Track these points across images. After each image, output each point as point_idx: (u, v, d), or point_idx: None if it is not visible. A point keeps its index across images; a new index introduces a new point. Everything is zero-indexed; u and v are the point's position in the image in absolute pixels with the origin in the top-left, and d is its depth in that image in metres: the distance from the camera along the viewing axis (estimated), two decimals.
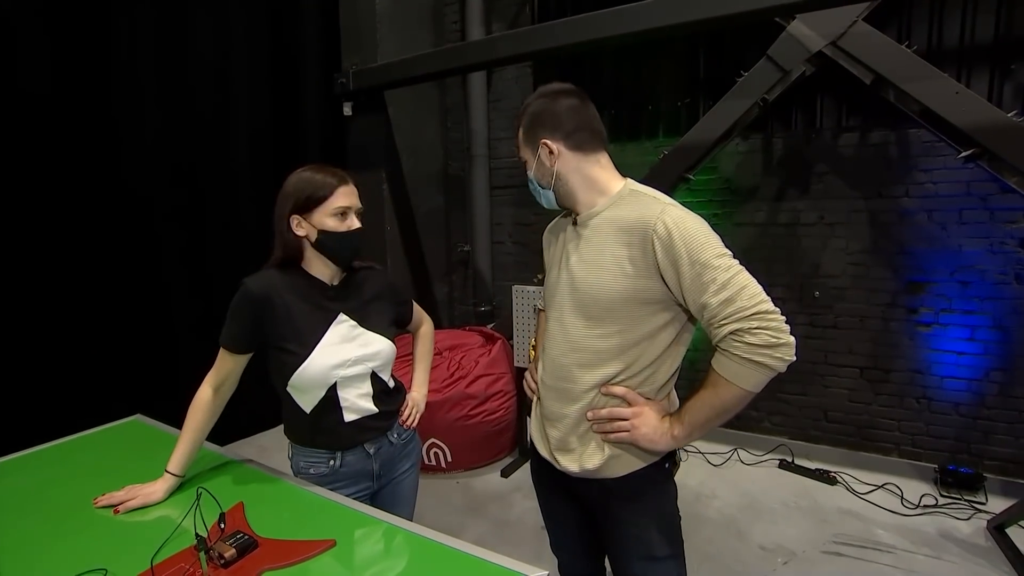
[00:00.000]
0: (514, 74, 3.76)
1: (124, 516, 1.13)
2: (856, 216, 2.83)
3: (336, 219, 1.23)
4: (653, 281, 1.06)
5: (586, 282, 1.12)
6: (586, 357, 1.12)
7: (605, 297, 1.09)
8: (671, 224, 1.03)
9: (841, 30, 2.37)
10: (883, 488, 2.63)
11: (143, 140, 2.81)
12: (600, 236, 1.11)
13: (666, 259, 1.03)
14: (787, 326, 1.00)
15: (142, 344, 2.81)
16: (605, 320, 1.10)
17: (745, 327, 0.97)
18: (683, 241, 1.01)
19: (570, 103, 1.17)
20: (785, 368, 1.00)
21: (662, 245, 1.03)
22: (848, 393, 2.94)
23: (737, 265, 1.02)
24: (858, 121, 2.79)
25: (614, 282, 1.08)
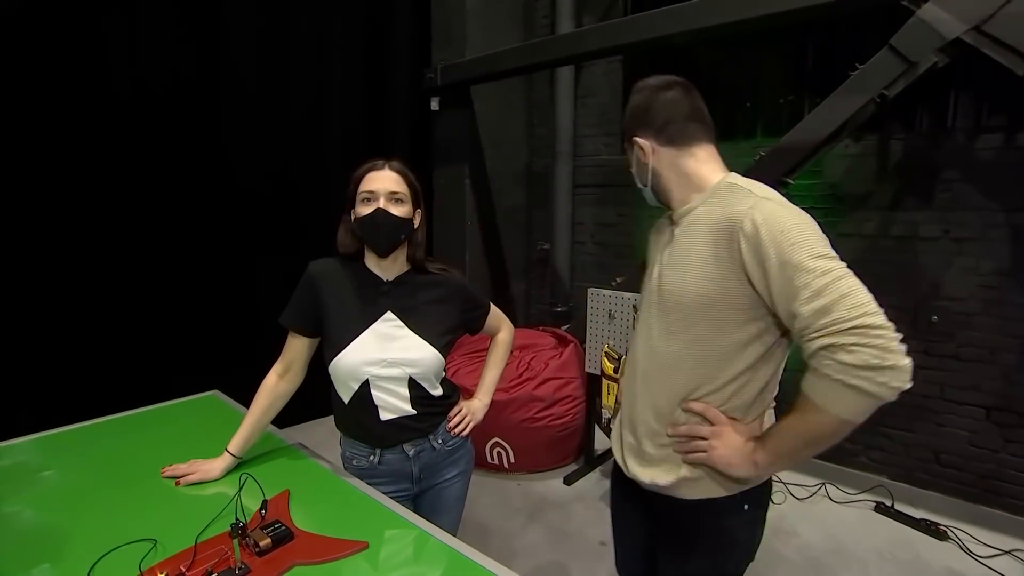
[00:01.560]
0: (603, 69, 3.64)
1: (184, 489, 1.21)
2: (993, 232, 2.43)
3: (364, 204, 1.23)
4: (739, 284, 0.95)
5: (670, 283, 1.04)
6: (665, 364, 1.05)
7: (687, 301, 1.01)
8: (760, 220, 0.91)
9: (989, 12, 2.02)
10: (1011, 554, 2.25)
11: (243, 132, 3.01)
12: (689, 235, 1.03)
13: (753, 260, 0.92)
14: (900, 346, 0.85)
15: (233, 328, 3.04)
16: (686, 326, 1.02)
17: (840, 342, 0.83)
18: (772, 239, 0.89)
19: (664, 96, 1.09)
20: (894, 397, 0.85)
21: (749, 244, 0.92)
22: (969, 436, 2.54)
23: (841, 268, 0.87)
24: (1002, 120, 2.39)
25: (696, 285, 0.99)
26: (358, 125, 3.49)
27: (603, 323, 2.82)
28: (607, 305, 2.80)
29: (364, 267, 1.31)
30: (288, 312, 1.30)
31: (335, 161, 3.41)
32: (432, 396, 1.32)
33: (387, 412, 1.28)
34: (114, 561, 0.94)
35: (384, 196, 1.23)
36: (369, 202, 1.23)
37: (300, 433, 1.38)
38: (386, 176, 1.24)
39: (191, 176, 2.83)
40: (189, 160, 2.81)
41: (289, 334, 1.32)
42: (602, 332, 2.82)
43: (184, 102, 2.78)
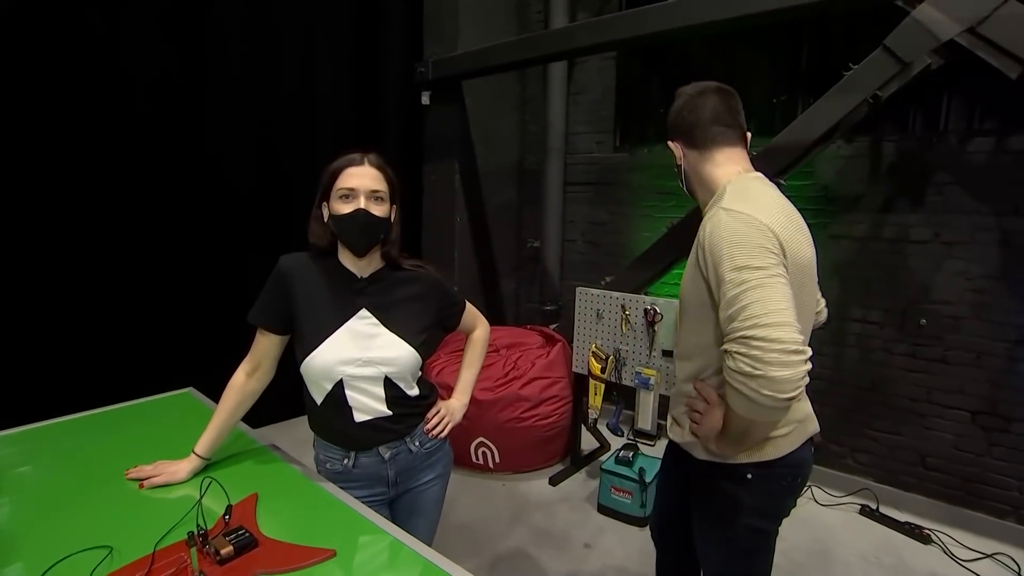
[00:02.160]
0: (596, 66, 3.60)
1: (148, 492, 1.16)
2: (982, 235, 2.42)
3: (342, 201, 1.18)
4: (702, 283, 1.08)
5: (682, 284, 1.20)
6: (682, 350, 1.24)
7: (684, 296, 1.19)
8: (708, 231, 1.05)
9: (984, 13, 2.00)
10: (992, 558, 2.25)
11: (230, 121, 2.94)
12: (697, 238, 1.12)
13: (705, 266, 1.06)
14: (782, 357, 0.90)
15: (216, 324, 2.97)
16: (689, 317, 1.18)
17: (731, 349, 0.96)
18: (711, 250, 1.03)
19: (695, 102, 1.18)
20: (776, 403, 0.92)
21: (702, 251, 1.06)
22: (954, 439, 2.54)
23: (755, 280, 0.96)
24: (994, 123, 2.38)
25: (688, 283, 1.16)
26: (348, 119, 3.44)
27: (591, 323, 2.79)
28: (595, 305, 2.77)
29: (338, 263, 1.26)
30: (257, 309, 1.25)
31: (325, 156, 3.32)
32: (408, 396, 1.28)
33: (362, 413, 1.23)
34: (65, 570, 0.90)
35: (364, 195, 1.18)
36: (348, 200, 1.18)
37: (277, 433, 1.34)
38: (366, 173, 1.19)
39: (174, 171, 2.76)
40: (172, 154, 2.75)
41: (258, 331, 1.27)
42: (590, 332, 2.79)
43: (167, 95, 2.71)
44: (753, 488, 1.15)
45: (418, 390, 1.31)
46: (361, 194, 1.18)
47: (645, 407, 2.56)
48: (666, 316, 2.48)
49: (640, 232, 3.51)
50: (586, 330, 2.80)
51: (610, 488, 2.53)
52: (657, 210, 3.40)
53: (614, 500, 2.52)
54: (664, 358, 2.51)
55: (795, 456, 1.15)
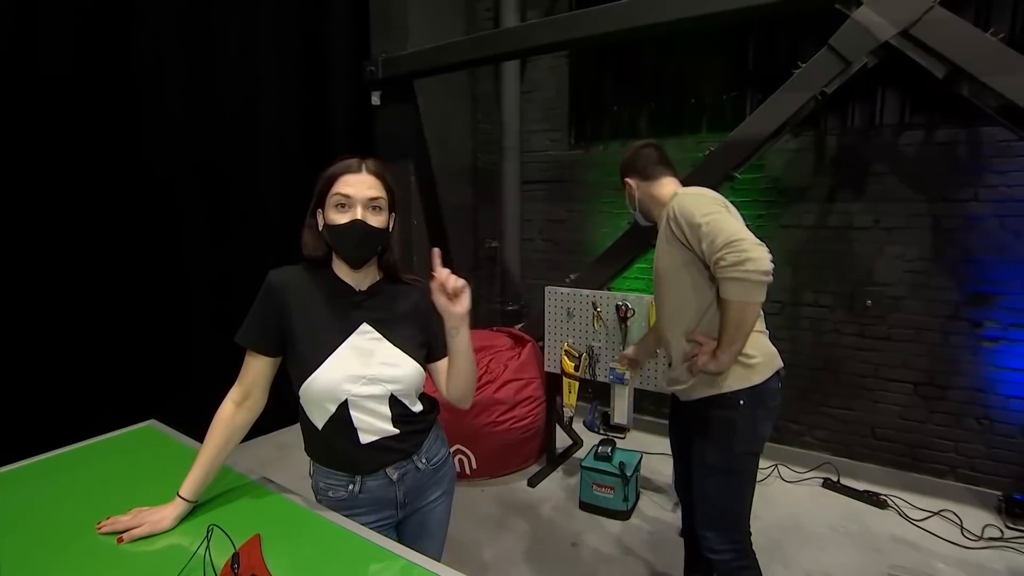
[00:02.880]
0: (549, 63, 3.60)
1: (129, 546, 1.04)
2: (917, 220, 2.62)
3: (337, 210, 1.10)
4: (681, 250, 1.47)
5: (659, 268, 1.58)
6: (672, 316, 1.57)
7: (661, 269, 1.56)
8: (675, 207, 1.48)
9: (915, 16, 2.15)
10: (939, 515, 2.45)
11: (164, 127, 2.73)
12: (660, 234, 1.56)
13: (678, 228, 1.45)
14: (755, 248, 1.30)
15: (158, 343, 2.75)
16: (668, 286, 1.55)
17: (720, 255, 1.33)
18: (682, 214, 1.44)
19: (640, 151, 1.71)
20: (762, 279, 1.30)
21: (674, 223, 1.47)
22: (900, 410, 2.74)
23: (719, 215, 1.39)
24: (923, 118, 2.58)
25: (662, 256, 1.55)
26: (293, 120, 3.26)
27: (562, 321, 2.79)
28: (565, 303, 2.77)
29: (333, 275, 1.18)
30: (246, 330, 1.15)
31: (269, 160, 3.17)
32: (413, 413, 1.22)
33: (367, 434, 1.16)
34: None
35: (362, 204, 1.10)
36: (344, 209, 1.10)
37: (241, 455, 1.23)
38: (364, 180, 1.11)
39: (103, 179, 2.51)
40: (101, 162, 2.50)
41: (247, 355, 1.16)
42: (561, 330, 2.79)
43: (93, 100, 2.46)
44: (743, 412, 1.47)
45: (421, 405, 1.25)
46: (358, 203, 1.10)
47: (621, 402, 2.60)
48: (638, 311, 2.52)
49: (598, 228, 3.56)
50: (557, 329, 2.81)
51: (591, 484, 2.54)
52: (614, 206, 3.46)
53: (596, 496, 2.53)
54: None
55: (771, 384, 1.50)
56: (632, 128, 3.37)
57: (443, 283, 1.11)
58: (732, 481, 1.52)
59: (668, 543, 2.28)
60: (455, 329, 1.16)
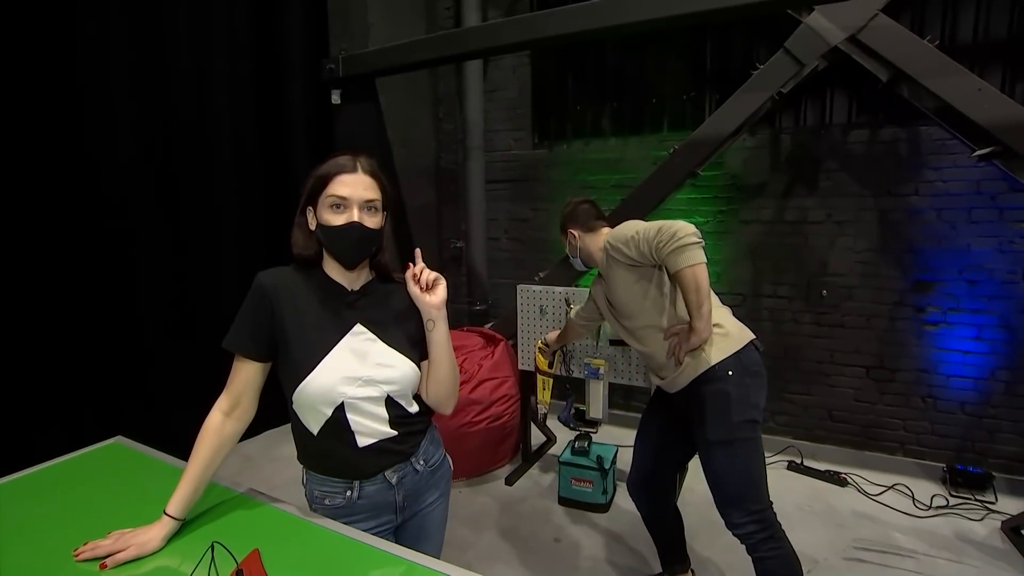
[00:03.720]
0: (512, 63, 3.62)
1: (113, 571, 0.97)
2: (865, 214, 2.79)
3: (332, 211, 1.07)
4: (629, 271, 1.66)
5: (618, 302, 1.76)
6: (645, 333, 1.70)
7: (626, 300, 1.71)
8: (608, 240, 1.70)
9: (862, 23, 2.30)
10: (893, 489, 2.62)
11: (113, 125, 2.57)
12: (608, 273, 1.75)
13: (619, 254, 1.65)
14: (684, 226, 1.49)
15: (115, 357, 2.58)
16: (632, 308, 1.71)
17: (657, 240, 1.51)
18: (617, 241, 1.65)
19: (580, 206, 1.92)
20: (695, 240, 1.48)
21: (612, 250, 1.67)
22: (854, 392, 2.91)
23: (641, 226, 1.59)
24: (868, 117, 2.75)
25: (625, 290, 1.71)
26: (249, 119, 3.13)
27: (535, 319, 2.81)
28: (538, 301, 2.79)
29: (324, 275, 1.15)
30: (235, 334, 1.10)
31: (223, 161, 3.03)
32: (410, 414, 1.20)
33: (365, 437, 1.13)
34: None
35: (358, 205, 1.07)
36: (340, 210, 1.07)
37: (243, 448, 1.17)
38: (360, 181, 1.08)
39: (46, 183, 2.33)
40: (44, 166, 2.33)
41: (236, 361, 1.11)
42: (534, 328, 2.81)
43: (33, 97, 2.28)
44: (734, 381, 1.57)
45: (417, 406, 1.23)
46: (354, 204, 1.07)
47: (596, 396, 2.63)
48: None
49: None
50: (530, 326, 2.82)
51: (570, 480, 2.57)
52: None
53: (575, 491, 2.56)
54: (612, 347, 2.60)
55: (749, 352, 1.63)
56: (595, 127, 3.43)
57: (416, 275, 1.14)
58: (736, 452, 1.57)
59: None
60: (431, 321, 1.17)
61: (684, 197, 3.11)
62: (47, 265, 2.36)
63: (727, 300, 2.69)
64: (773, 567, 1.58)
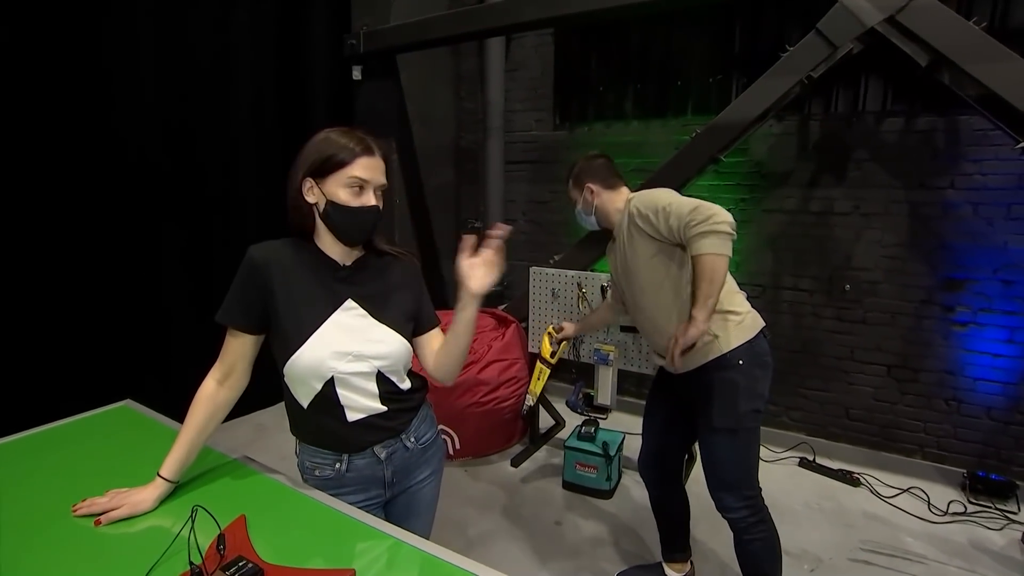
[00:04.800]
0: (534, 42, 3.54)
1: (107, 529, 1.00)
2: (895, 207, 2.67)
3: (350, 191, 1.07)
4: (645, 242, 1.60)
5: (625, 267, 1.69)
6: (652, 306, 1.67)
7: (633, 269, 1.66)
8: (635, 205, 1.62)
9: (902, 3, 2.17)
10: (908, 492, 2.54)
11: (137, 100, 2.62)
12: (626, 238, 1.67)
13: (645, 223, 1.58)
14: (721, 213, 1.43)
15: (132, 322, 2.66)
16: (648, 281, 1.65)
17: (690, 218, 1.45)
18: (645, 207, 1.58)
19: (598, 161, 1.81)
20: (728, 230, 1.42)
21: (639, 218, 1.60)
22: (873, 391, 2.82)
23: (676, 198, 1.54)
24: (903, 105, 2.62)
25: (632, 260, 1.65)
26: (271, 94, 3.15)
27: (547, 302, 2.79)
28: (550, 284, 2.76)
29: (317, 249, 1.14)
30: (228, 308, 1.11)
31: (246, 135, 3.06)
32: (401, 390, 1.20)
33: (355, 412, 1.14)
34: None
35: (375, 189, 1.10)
36: (359, 192, 1.08)
37: (219, 435, 1.20)
38: (378, 166, 1.10)
39: (66, 153, 2.39)
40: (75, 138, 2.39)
41: (228, 333, 1.12)
42: (546, 311, 2.79)
43: (67, 73, 2.33)
44: (744, 371, 1.55)
45: (410, 383, 1.23)
46: (372, 188, 1.09)
47: (604, 382, 2.61)
48: None
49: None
50: (542, 310, 2.80)
51: (575, 464, 2.56)
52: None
53: (579, 475, 2.56)
54: (623, 333, 2.56)
55: (760, 342, 1.60)
56: (617, 109, 3.34)
57: (473, 245, 1.16)
58: (739, 440, 1.58)
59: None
60: (464, 304, 1.17)
61: (705, 184, 3.03)
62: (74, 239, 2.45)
63: (746, 291, 2.62)
64: (757, 549, 1.64)
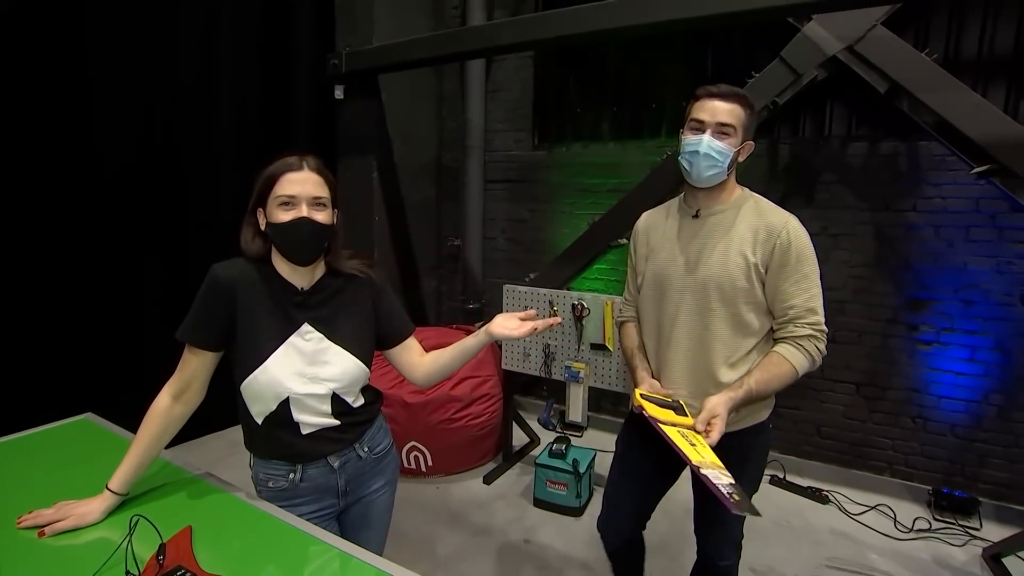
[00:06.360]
0: (514, 64, 3.62)
1: (51, 540, 1.00)
2: (861, 228, 2.74)
3: (281, 209, 1.08)
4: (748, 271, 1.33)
5: (720, 271, 1.35)
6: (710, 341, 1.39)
7: (714, 283, 1.36)
8: (791, 230, 1.33)
9: (859, 34, 2.26)
10: (876, 509, 2.57)
11: (119, 115, 2.64)
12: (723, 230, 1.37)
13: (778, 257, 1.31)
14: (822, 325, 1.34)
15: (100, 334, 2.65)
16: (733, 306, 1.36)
17: (810, 333, 1.30)
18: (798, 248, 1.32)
19: None
20: (817, 355, 1.32)
21: (781, 249, 1.31)
22: (843, 409, 2.86)
23: (816, 273, 1.33)
24: (868, 130, 2.70)
25: (735, 271, 1.34)
26: (253, 113, 3.19)
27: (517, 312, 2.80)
28: (523, 301, 2.79)
29: (275, 273, 1.16)
30: (188, 325, 1.12)
31: (228, 153, 3.09)
32: (354, 408, 1.22)
33: (308, 427, 1.16)
34: None
35: (307, 202, 1.09)
36: (289, 207, 1.08)
37: (192, 451, 1.20)
38: (307, 179, 1.10)
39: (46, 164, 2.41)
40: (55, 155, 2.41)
41: (187, 349, 1.14)
42: None
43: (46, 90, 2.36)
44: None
45: (363, 399, 1.25)
46: (303, 201, 1.09)
47: (576, 400, 2.62)
48: (593, 311, 2.55)
49: (560, 229, 3.59)
50: None
51: (545, 482, 2.57)
52: (576, 207, 3.50)
53: (549, 493, 2.56)
54: (592, 351, 2.59)
55: None
56: (595, 130, 3.42)
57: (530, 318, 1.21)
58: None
59: None
60: (478, 334, 1.21)
61: None
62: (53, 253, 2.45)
63: None
64: None
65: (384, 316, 1.26)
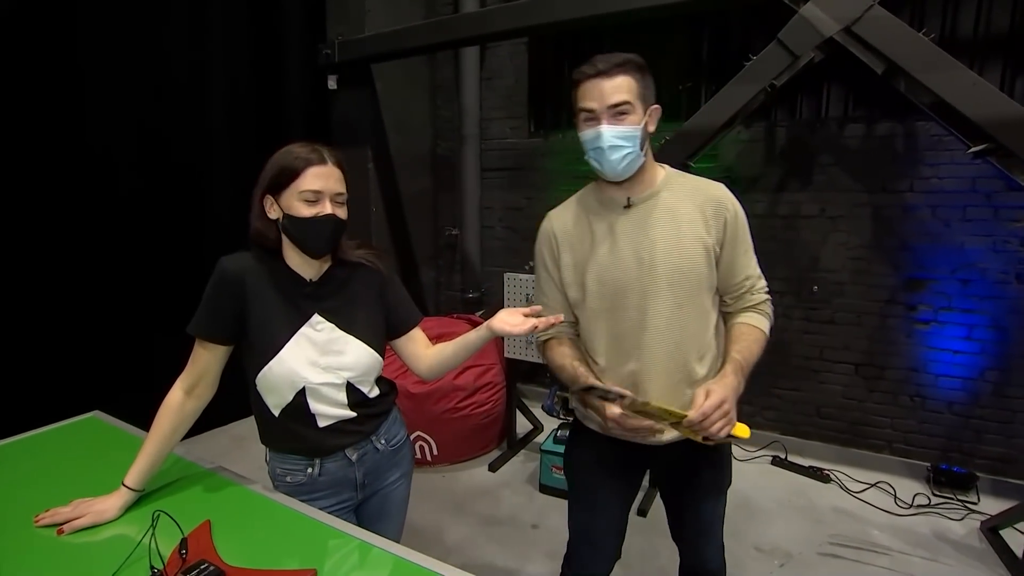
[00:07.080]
0: (508, 51, 3.59)
1: (70, 538, 1.00)
2: (858, 210, 2.75)
3: (304, 203, 1.08)
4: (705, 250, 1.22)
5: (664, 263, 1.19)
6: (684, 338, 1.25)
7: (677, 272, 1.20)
8: (730, 199, 1.28)
9: (857, 14, 2.25)
10: (876, 487, 2.61)
11: (111, 109, 2.60)
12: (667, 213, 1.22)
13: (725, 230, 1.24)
14: None
15: (103, 332, 2.63)
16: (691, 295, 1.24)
17: (763, 299, 1.28)
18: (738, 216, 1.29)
19: None
20: None
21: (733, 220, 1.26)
22: (842, 389, 2.89)
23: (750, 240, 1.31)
24: (864, 112, 2.70)
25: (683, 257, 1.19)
26: (246, 103, 3.14)
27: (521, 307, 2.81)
28: (524, 289, 2.79)
29: (284, 264, 1.16)
30: (200, 319, 1.11)
31: (220, 144, 3.05)
32: (370, 398, 1.22)
33: (325, 419, 1.16)
34: None
35: (330, 198, 1.09)
36: (313, 204, 1.08)
37: (196, 446, 1.20)
38: (331, 174, 1.10)
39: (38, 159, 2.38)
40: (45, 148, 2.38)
41: (198, 343, 1.13)
42: None
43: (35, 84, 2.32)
44: None
45: (379, 390, 1.25)
46: (327, 197, 1.09)
47: None
48: None
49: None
50: None
51: (551, 468, 2.59)
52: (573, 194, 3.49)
53: (556, 479, 2.58)
54: None
55: None
56: None
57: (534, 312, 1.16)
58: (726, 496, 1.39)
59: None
60: (480, 329, 1.18)
61: None
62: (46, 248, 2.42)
63: None
64: None
65: (392, 305, 1.27)
